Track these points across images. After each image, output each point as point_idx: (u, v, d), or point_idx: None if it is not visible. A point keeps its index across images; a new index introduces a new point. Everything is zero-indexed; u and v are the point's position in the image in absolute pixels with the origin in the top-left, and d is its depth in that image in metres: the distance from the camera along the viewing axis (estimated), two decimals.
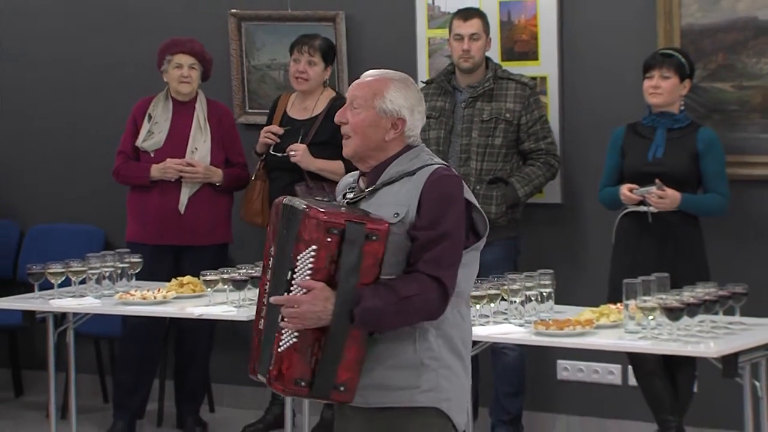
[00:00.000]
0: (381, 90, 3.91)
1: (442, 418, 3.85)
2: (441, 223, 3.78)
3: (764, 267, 6.42)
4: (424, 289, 3.74)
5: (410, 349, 3.83)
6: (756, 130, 6.49)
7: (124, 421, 7.16)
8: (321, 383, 3.79)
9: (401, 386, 3.84)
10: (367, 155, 3.93)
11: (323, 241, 3.74)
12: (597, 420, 6.91)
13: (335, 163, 6.76)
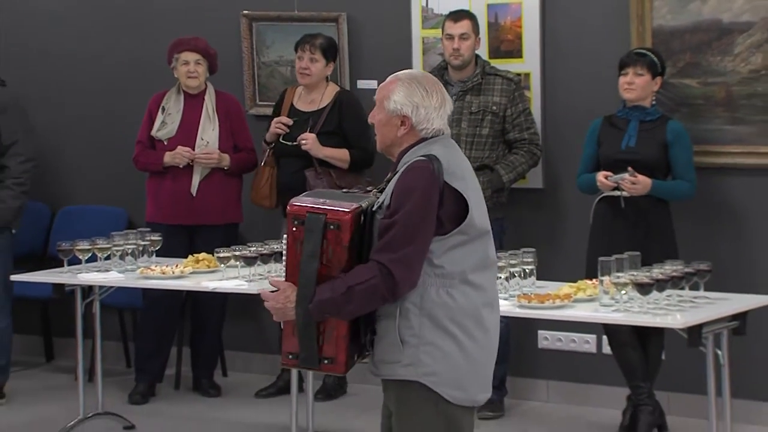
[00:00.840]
0: (389, 92, 3.94)
1: (427, 391, 3.84)
2: (396, 212, 3.79)
3: (727, 247, 6.43)
4: (370, 276, 3.75)
5: (393, 326, 3.84)
6: (720, 122, 6.49)
7: (145, 384, 7.20)
8: (305, 357, 3.87)
9: (388, 360, 3.87)
10: (388, 149, 3.99)
11: (290, 229, 3.83)
12: (574, 385, 6.93)
13: (341, 151, 6.81)
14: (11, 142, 6.99)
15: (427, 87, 3.93)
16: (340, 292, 3.75)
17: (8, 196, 6.99)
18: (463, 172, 3.89)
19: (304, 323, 3.81)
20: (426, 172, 3.79)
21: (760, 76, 6.40)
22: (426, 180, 3.78)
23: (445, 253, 3.81)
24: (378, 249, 3.77)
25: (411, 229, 3.76)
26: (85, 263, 6.23)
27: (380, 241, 3.77)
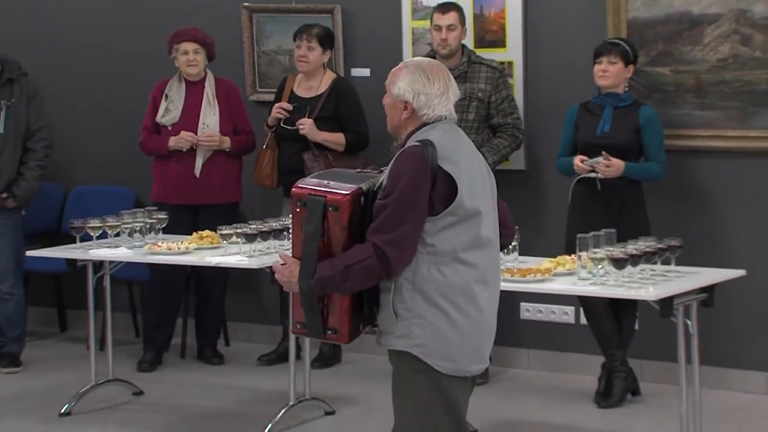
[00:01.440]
0: (396, 78, 3.95)
1: (418, 361, 3.84)
2: (389, 195, 3.79)
3: (696, 224, 6.45)
4: (365, 255, 3.76)
5: (388, 300, 3.85)
6: (690, 107, 6.50)
7: (152, 353, 7.22)
8: (311, 328, 3.90)
9: (385, 331, 3.90)
10: (395, 130, 4.00)
11: (294, 210, 3.84)
12: (553, 353, 6.95)
13: (337, 135, 6.83)
14: (38, 128, 7.10)
15: (429, 75, 3.92)
16: (339, 270, 3.76)
17: (32, 176, 7.09)
18: (458, 156, 3.86)
19: (307, 297, 3.84)
20: (417, 157, 3.78)
21: (727, 64, 6.41)
22: (416, 165, 3.78)
23: (436, 232, 3.80)
24: (372, 230, 3.77)
25: (402, 211, 3.76)
26: (96, 240, 6.24)
27: (374, 222, 3.78)
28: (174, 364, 7.33)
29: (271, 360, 7.19)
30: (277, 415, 6.00)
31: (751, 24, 6.34)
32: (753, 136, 6.38)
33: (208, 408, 6.50)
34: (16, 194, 7.05)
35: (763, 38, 6.32)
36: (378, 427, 4.30)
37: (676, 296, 5.08)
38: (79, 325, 7.70)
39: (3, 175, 7.01)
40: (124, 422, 6.27)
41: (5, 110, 7.00)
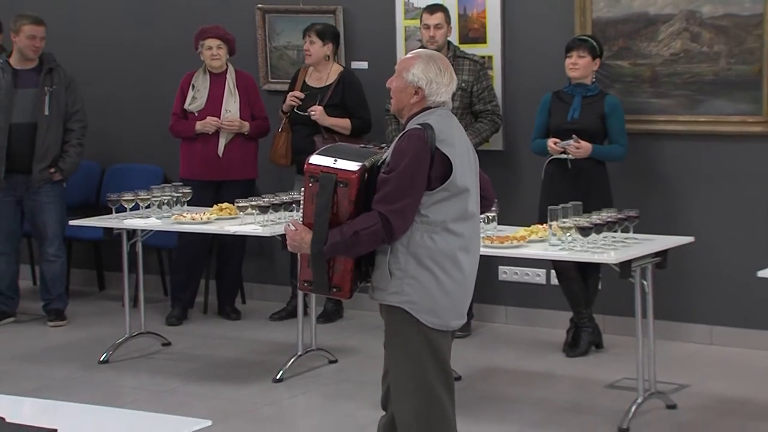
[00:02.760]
0: (410, 65, 3.92)
1: (408, 316, 3.85)
2: (393, 170, 3.79)
3: (652, 197, 6.44)
4: (371, 222, 3.76)
5: (384, 261, 3.85)
6: (647, 96, 6.50)
7: (179, 309, 7.22)
8: (317, 285, 3.91)
9: (380, 288, 3.90)
10: (399, 112, 3.98)
11: (307, 184, 3.84)
12: (527, 310, 6.95)
13: (344, 121, 6.83)
14: (75, 110, 7.14)
15: (440, 66, 3.93)
16: (348, 236, 3.76)
17: (75, 153, 7.14)
18: (453, 139, 3.87)
19: (317, 260, 3.83)
20: (418, 139, 3.79)
21: (679, 58, 6.40)
22: (417, 146, 3.78)
23: (431, 205, 3.81)
24: (378, 200, 3.77)
25: (404, 186, 3.76)
26: (130, 211, 6.23)
27: (379, 193, 3.78)
28: (198, 319, 7.32)
29: (282, 316, 7.20)
30: (287, 363, 6.01)
31: (699, 23, 6.33)
32: (701, 121, 6.38)
33: (227, 357, 6.50)
34: (62, 168, 7.09)
35: (709, 36, 6.31)
36: (374, 374, 4.29)
37: (634, 260, 5.09)
38: (115, 285, 7.71)
39: (50, 152, 7.04)
40: (154, 369, 6.27)
41: (49, 95, 7.03)
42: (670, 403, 5.39)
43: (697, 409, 5.38)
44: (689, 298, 6.48)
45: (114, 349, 6.40)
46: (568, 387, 5.82)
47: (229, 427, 5.21)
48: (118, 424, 3.43)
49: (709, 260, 6.35)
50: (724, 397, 5.55)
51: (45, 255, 7.21)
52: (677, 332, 6.46)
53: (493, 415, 5.34)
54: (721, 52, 6.29)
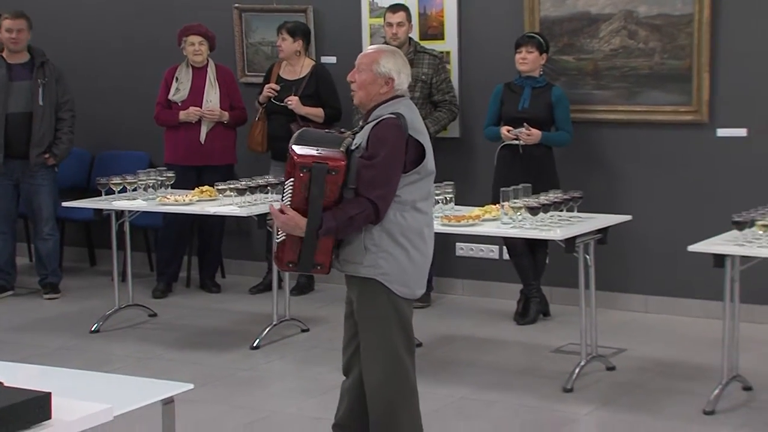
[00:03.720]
0: (377, 58, 3.89)
1: (382, 286, 3.85)
2: (374, 157, 3.77)
3: (595, 180, 6.46)
4: (363, 208, 3.76)
5: (359, 237, 3.84)
6: (589, 88, 6.51)
7: (164, 283, 7.18)
8: (303, 265, 3.87)
9: (353, 261, 3.87)
10: (366, 103, 3.93)
11: (297, 175, 3.78)
12: (481, 282, 6.97)
13: (317, 110, 6.82)
14: (65, 101, 7.08)
15: (403, 59, 3.94)
16: (342, 220, 3.75)
17: (67, 139, 7.08)
18: (422, 127, 3.89)
19: (310, 243, 3.79)
20: (396, 127, 3.79)
21: (617, 53, 6.41)
22: (396, 133, 3.78)
23: (403, 186, 3.82)
24: (366, 186, 3.75)
25: (388, 172, 3.77)
26: (118, 193, 6.19)
27: (364, 179, 3.76)
28: (181, 292, 7.28)
29: (258, 289, 7.16)
30: (263, 332, 6.00)
31: (636, 22, 6.35)
32: (638, 110, 6.40)
33: (208, 327, 6.47)
34: (55, 153, 7.04)
35: (645, 33, 6.32)
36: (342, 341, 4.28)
37: (578, 236, 5.11)
38: (105, 261, 7.66)
39: (45, 139, 6.99)
40: (141, 338, 6.23)
41: (42, 87, 6.97)
42: (610, 365, 5.42)
43: (634, 371, 5.42)
44: (627, 271, 6.51)
45: (104, 320, 6.36)
46: (518, 352, 5.84)
47: (210, 391, 5.19)
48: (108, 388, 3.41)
49: (644, 236, 6.39)
50: (658, 360, 5.59)
51: (40, 233, 7.17)
52: (616, 301, 6.50)
53: (451, 377, 5.36)
54: (656, 48, 6.31)
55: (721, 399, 4.83)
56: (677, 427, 4.65)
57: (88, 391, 3.23)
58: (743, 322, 5.33)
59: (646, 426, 4.68)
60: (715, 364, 5.10)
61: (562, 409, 4.89)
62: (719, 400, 4.83)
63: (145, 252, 7.82)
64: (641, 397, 5.04)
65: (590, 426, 4.76)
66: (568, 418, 4.78)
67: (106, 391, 3.31)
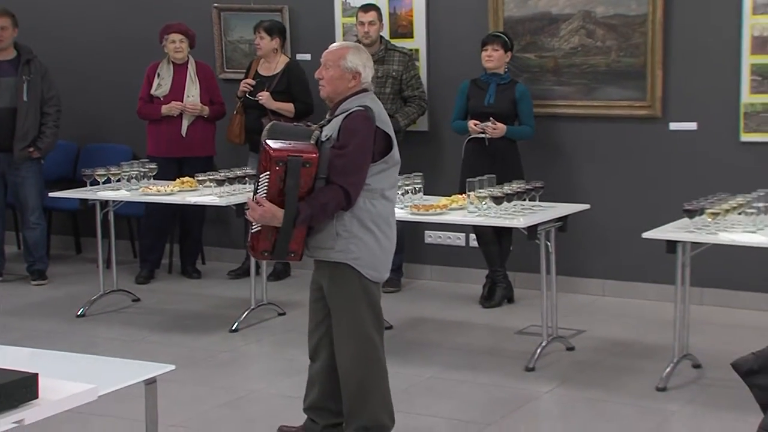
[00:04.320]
0: (344, 54, 3.90)
1: (353, 270, 3.87)
2: (345, 147, 3.78)
3: (556, 171, 6.48)
4: (336, 195, 3.77)
5: (331, 223, 3.84)
6: (550, 84, 6.52)
7: (147, 269, 7.15)
8: (278, 253, 3.87)
9: (325, 247, 3.87)
10: (333, 97, 3.94)
11: (273, 168, 3.76)
12: (449, 268, 6.98)
13: (288, 105, 6.79)
14: (50, 96, 7.01)
15: (366, 54, 3.97)
16: (317, 208, 3.75)
17: (51, 133, 7.01)
18: (387, 119, 3.92)
19: (287, 231, 3.78)
20: (366, 119, 3.81)
21: (576, 52, 6.43)
22: (367, 124, 3.80)
23: (372, 175, 3.83)
24: (338, 175, 3.76)
25: (359, 161, 3.79)
26: (103, 184, 6.16)
27: (336, 167, 3.76)
28: (163, 278, 7.25)
29: (237, 274, 7.14)
30: (241, 315, 5.99)
31: (594, 22, 6.36)
32: (595, 105, 6.41)
33: (189, 311, 6.45)
34: (40, 147, 6.98)
35: (602, 32, 6.34)
36: None
37: (540, 224, 5.12)
38: (91, 249, 7.61)
39: (29, 133, 6.93)
40: (125, 322, 6.20)
41: (26, 83, 6.91)
42: (569, 345, 5.45)
43: (592, 351, 5.45)
44: (585, 257, 6.55)
45: (90, 305, 6.33)
46: (483, 333, 5.86)
47: (191, 372, 5.18)
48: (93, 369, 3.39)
49: (601, 224, 6.42)
50: (614, 340, 5.63)
51: (27, 223, 7.12)
52: (575, 286, 6.53)
53: (420, 358, 5.37)
54: (612, 46, 6.33)
55: (672, 376, 4.87)
56: (632, 403, 4.68)
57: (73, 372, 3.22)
58: (693, 305, 5.39)
59: (603, 402, 4.71)
60: (667, 344, 5.14)
61: (525, 387, 4.92)
62: (671, 377, 4.87)
63: (129, 240, 7.78)
64: (598, 375, 5.08)
65: (551, 403, 4.78)
66: (530, 396, 4.81)
67: (92, 372, 3.30)
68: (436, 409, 4.65)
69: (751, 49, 5.97)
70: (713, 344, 5.40)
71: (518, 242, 6.19)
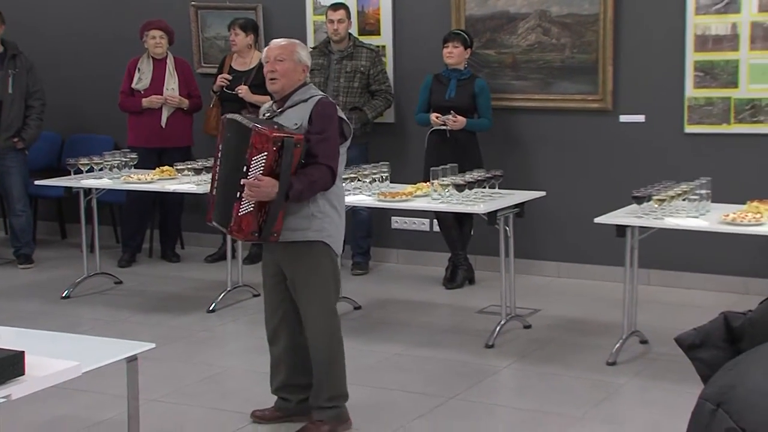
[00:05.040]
0: (295, 49, 3.94)
1: (326, 247, 3.90)
2: (326, 131, 3.82)
3: (513, 160, 6.50)
4: (323, 174, 3.80)
5: (306, 206, 3.86)
6: (509, 78, 6.53)
7: (129, 254, 7.10)
8: (265, 233, 3.85)
9: (301, 228, 3.89)
10: (286, 89, 3.94)
11: (270, 149, 3.74)
12: (414, 252, 6.99)
13: (265, 98, 6.66)
14: (35, 90, 6.95)
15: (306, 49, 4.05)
16: (306, 185, 3.78)
17: (35, 125, 6.96)
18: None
19: (278, 206, 3.79)
20: (334, 106, 3.91)
21: (533, 48, 6.44)
22: (335, 110, 3.88)
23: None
24: (324, 156, 3.80)
25: (337, 144, 3.87)
26: (86, 173, 6.11)
27: (321, 150, 3.80)
28: (144, 261, 7.21)
29: (214, 258, 7.12)
30: (218, 297, 5.97)
31: (549, 20, 6.38)
32: (551, 99, 6.43)
33: (169, 292, 6.42)
34: (24, 138, 6.92)
35: (557, 30, 6.36)
36: None
37: (499, 210, 5.14)
38: (75, 234, 7.55)
39: (14, 125, 6.88)
40: (108, 303, 6.16)
41: (12, 77, 6.85)
42: (526, 323, 5.48)
43: (547, 328, 5.48)
44: (541, 241, 6.58)
45: (74, 287, 6.28)
46: (446, 313, 5.88)
47: (170, 349, 5.15)
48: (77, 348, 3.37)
49: (556, 210, 6.45)
50: (568, 318, 5.67)
51: (13, 210, 7.06)
52: (532, 268, 6.56)
53: (387, 336, 5.37)
54: (566, 43, 6.35)
55: (621, 351, 4.92)
56: (584, 377, 4.72)
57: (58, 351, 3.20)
58: (641, 285, 5.44)
59: (557, 376, 4.74)
60: (616, 322, 5.18)
61: (485, 362, 4.94)
62: (620, 352, 4.91)
63: (111, 226, 7.72)
64: (553, 351, 5.11)
65: (509, 377, 4.81)
66: (490, 371, 4.83)
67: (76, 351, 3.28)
68: (403, 383, 4.66)
69: (695, 46, 6.01)
70: (659, 321, 5.45)
71: (479, 227, 6.21)
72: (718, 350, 1.16)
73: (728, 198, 5.05)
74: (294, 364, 4.07)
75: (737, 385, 1.08)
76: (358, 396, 4.32)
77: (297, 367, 4.07)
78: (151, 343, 3.29)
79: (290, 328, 4.02)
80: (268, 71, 3.90)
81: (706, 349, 1.19)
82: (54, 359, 3.01)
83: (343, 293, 5.83)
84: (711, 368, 1.15)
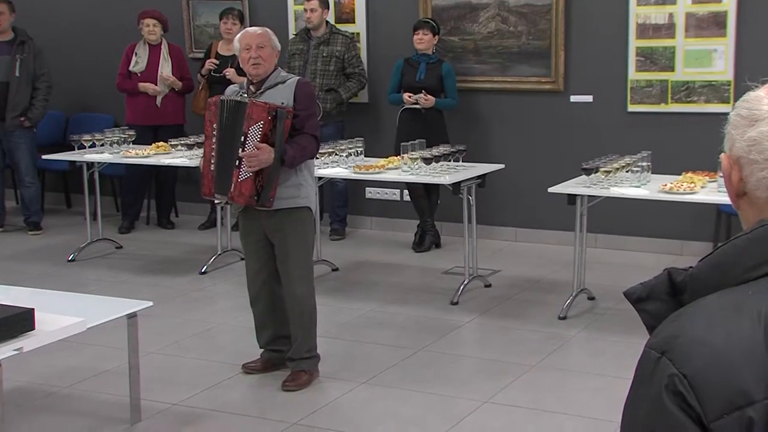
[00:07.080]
0: (270, 36, 3.93)
1: (309, 211, 3.93)
2: (310, 107, 3.86)
3: (475, 136, 6.49)
4: (311, 142, 3.84)
5: (294, 175, 3.87)
6: (471, 63, 6.50)
7: (128, 221, 7.05)
8: (263, 198, 3.83)
9: (291, 196, 3.90)
10: (266, 72, 3.90)
11: (266, 118, 3.72)
12: (386, 219, 6.98)
13: None
14: (42, 73, 6.87)
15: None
16: (299, 150, 3.79)
17: (40, 106, 6.88)
18: None
19: (274, 171, 3.78)
20: (312, 85, 4.01)
21: (493, 35, 6.42)
22: (314, 90, 3.96)
23: None
24: (311, 128, 3.84)
25: (317, 117, 3.93)
26: (88, 148, 6.05)
27: (310, 123, 3.84)
28: (142, 228, 7.15)
29: (205, 225, 7.08)
30: (209, 260, 5.95)
31: (507, 10, 6.35)
32: (509, 81, 6.42)
33: (165, 256, 6.37)
34: (30, 117, 6.84)
35: (515, 19, 6.34)
36: None
37: (463, 181, 5.14)
38: (79, 204, 7.48)
39: (20, 105, 6.80)
40: (110, 266, 6.12)
41: (19, 61, 6.77)
42: (487, 283, 5.50)
43: (506, 287, 5.51)
44: (501, 208, 6.59)
45: (79, 251, 6.23)
46: (415, 274, 5.89)
47: (167, 307, 5.13)
48: (82, 306, 3.35)
49: (514, 181, 6.46)
50: (525, 278, 5.69)
51: (23, 182, 7.00)
52: (492, 233, 6.58)
53: (362, 295, 5.38)
54: (523, 31, 6.33)
55: (571, 307, 4.95)
56: (538, 330, 4.75)
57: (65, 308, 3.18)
58: (589, 248, 5.47)
59: (515, 329, 4.77)
60: (567, 280, 5.22)
61: (450, 318, 4.96)
62: (570, 308, 4.94)
63: (112, 196, 7.65)
64: (511, 307, 5.14)
65: (472, 331, 4.84)
66: (454, 325, 4.85)
67: (81, 308, 3.26)
68: (376, 337, 4.67)
69: (637, 34, 6.02)
70: (605, 280, 5.49)
71: (444, 196, 6.21)
72: (663, 303, 1.16)
73: (666, 169, 5.10)
74: (279, 320, 4.07)
75: (680, 335, 1.09)
76: (336, 348, 4.32)
77: (283, 321, 4.07)
78: (149, 302, 3.28)
79: (271, 289, 4.02)
80: (252, 57, 3.85)
81: (652, 301, 1.19)
82: (61, 316, 2.99)
83: (321, 257, 5.84)
84: (656, 319, 1.15)
